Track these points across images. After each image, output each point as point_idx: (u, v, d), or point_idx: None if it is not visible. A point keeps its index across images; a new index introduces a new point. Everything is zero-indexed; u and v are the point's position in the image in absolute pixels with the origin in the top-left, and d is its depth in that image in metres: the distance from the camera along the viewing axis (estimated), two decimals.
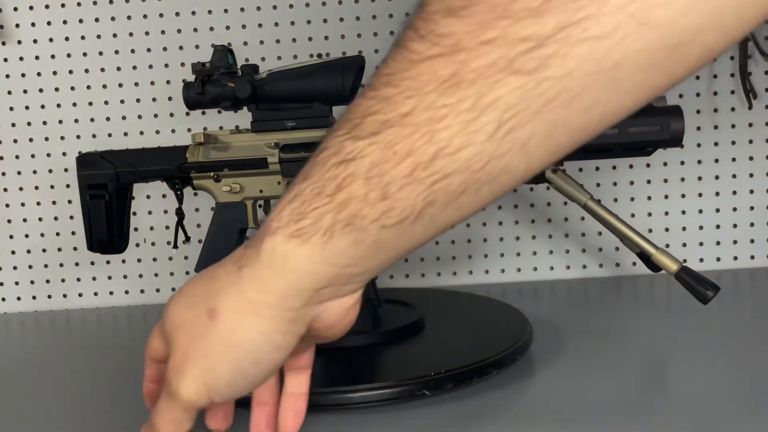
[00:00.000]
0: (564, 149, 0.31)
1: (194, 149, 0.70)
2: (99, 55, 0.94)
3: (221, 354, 0.35)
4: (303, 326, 0.36)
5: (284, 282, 0.34)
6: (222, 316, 0.35)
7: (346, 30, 0.93)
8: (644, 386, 0.59)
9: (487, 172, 0.31)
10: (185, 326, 0.36)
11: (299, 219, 0.33)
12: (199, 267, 0.72)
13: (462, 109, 0.29)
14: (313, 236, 0.33)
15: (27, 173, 0.97)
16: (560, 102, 0.29)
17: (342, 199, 0.32)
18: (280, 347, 0.35)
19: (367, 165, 0.31)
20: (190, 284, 0.39)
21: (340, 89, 0.66)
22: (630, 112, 0.30)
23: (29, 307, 0.99)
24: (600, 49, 0.28)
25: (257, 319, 0.34)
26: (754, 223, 0.93)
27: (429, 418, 0.55)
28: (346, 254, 0.33)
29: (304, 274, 0.34)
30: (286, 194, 0.34)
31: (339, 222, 0.32)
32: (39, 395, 0.67)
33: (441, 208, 0.32)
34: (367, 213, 0.32)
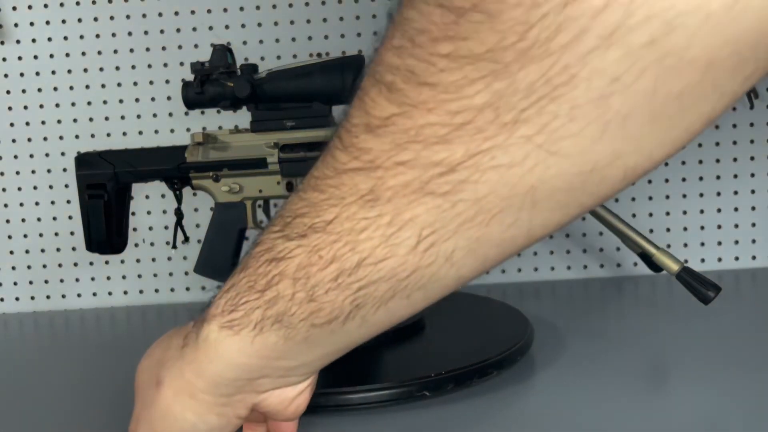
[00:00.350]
0: (494, 260, 0.32)
1: (193, 149, 0.70)
2: (98, 55, 0.94)
3: (162, 424, 0.37)
4: (243, 410, 0.37)
5: (216, 370, 0.35)
6: (164, 390, 0.37)
7: (345, 29, 0.93)
8: (645, 387, 0.58)
9: (415, 281, 0.31)
10: (142, 388, 0.39)
11: (232, 310, 0.34)
12: (198, 267, 0.72)
13: (382, 223, 0.30)
14: (244, 329, 0.34)
15: (25, 173, 0.96)
16: (479, 221, 0.29)
17: (271, 296, 0.33)
18: (216, 427, 0.37)
19: (294, 266, 0.32)
20: (156, 343, 0.41)
21: (339, 88, 0.65)
22: (563, 225, 0.30)
23: (28, 307, 0.99)
24: (512, 176, 0.28)
25: (191, 401, 0.36)
26: (755, 223, 0.93)
27: (429, 419, 0.55)
28: (277, 348, 0.34)
29: (234, 365, 0.35)
30: (227, 282, 0.36)
31: (268, 318, 0.33)
32: (38, 396, 0.67)
33: (372, 310, 0.33)
34: (295, 312, 0.33)
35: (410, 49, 0.28)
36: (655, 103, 0.26)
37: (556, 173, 0.28)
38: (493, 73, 0.26)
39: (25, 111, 0.95)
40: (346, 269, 0.31)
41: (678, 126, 0.27)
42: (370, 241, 0.31)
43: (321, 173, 0.33)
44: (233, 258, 0.71)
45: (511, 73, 0.26)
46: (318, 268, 0.32)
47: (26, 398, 0.67)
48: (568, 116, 0.26)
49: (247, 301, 0.34)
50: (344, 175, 0.31)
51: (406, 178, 0.29)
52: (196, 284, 0.97)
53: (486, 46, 0.26)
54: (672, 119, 0.27)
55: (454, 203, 0.29)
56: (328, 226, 0.31)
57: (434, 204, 0.29)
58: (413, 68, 0.28)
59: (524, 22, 0.25)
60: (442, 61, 0.27)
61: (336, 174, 0.31)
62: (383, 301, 0.32)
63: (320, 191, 0.32)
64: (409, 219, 0.30)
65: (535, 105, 0.26)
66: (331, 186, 0.32)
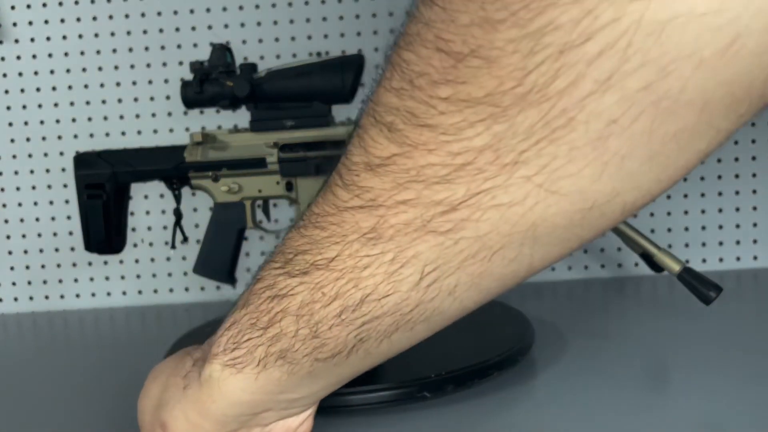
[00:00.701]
0: (496, 292, 0.32)
1: (192, 149, 0.70)
2: (97, 54, 0.94)
3: None
4: None
5: (220, 409, 0.35)
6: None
7: (345, 28, 0.92)
8: (646, 387, 0.58)
9: (418, 314, 0.32)
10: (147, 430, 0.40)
11: (234, 348, 0.34)
12: (198, 268, 0.72)
13: (384, 260, 0.31)
14: (247, 366, 0.34)
15: (24, 173, 0.96)
16: (481, 258, 0.30)
17: (274, 333, 0.33)
18: None
19: (297, 303, 0.32)
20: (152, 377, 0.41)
21: (339, 88, 0.65)
22: (563, 257, 0.31)
23: (26, 308, 0.99)
24: (512, 214, 0.28)
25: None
26: (757, 223, 0.93)
27: (429, 420, 0.55)
28: (281, 383, 0.34)
29: (238, 403, 0.35)
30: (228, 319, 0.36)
31: (272, 354, 0.33)
32: (36, 397, 0.67)
33: (375, 343, 0.33)
34: (299, 348, 0.33)
35: (410, 92, 0.28)
36: (653, 143, 0.26)
37: (556, 211, 0.28)
38: (492, 116, 0.27)
39: (24, 110, 0.95)
40: (350, 306, 0.31)
41: (675, 163, 0.27)
42: (373, 278, 0.31)
43: (322, 210, 0.32)
44: (232, 258, 0.71)
45: (510, 116, 0.26)
46: (321, 305, 0.32)
47: (25, 399, 0.66)
48: (567, 157, 0.27)
49: (250, 338, 0.34)
50: (345, 212, 0.31)
51: (407, 216, 0.30)
52: (195, 284, 0.97)
53: (485, 90, 0.26)
54: (669, 158, 0.27)
55: (456, 241, 0.29)
56: (330, 263, 0.32)
57: (436, 242, 0.30)
58: (413, 110, 0.28)
59: (522, 68, 0.25)
60: (442, 104, 0.27)
61: (337, 211, 0.31)
62: (387, 335, 0.33)
63: (321, 228, 0.32)
64: (412, 256, 0.30)
65: (535, 147, 0.27)
66: (333, 223, 0.32)
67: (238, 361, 0.34)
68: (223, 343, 0.35)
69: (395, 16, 0.92)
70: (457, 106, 0.27)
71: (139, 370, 0.71)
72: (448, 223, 0.29)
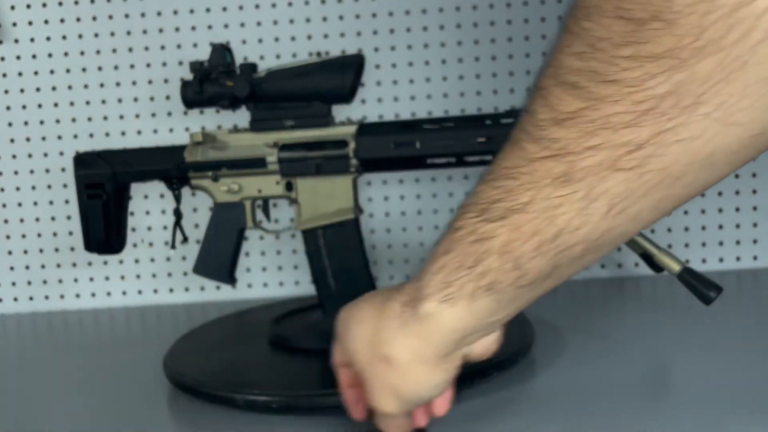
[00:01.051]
0: (672, 210, 0.37)
1: (192, 149, 0.70)
2: (96, 54, 0.94)
3: (402, 386, 0.44)
4: (458, 361, 0.44)
5: (441, 337, 0.42)
6: (396, 363, 0.43)
7: (345, 28, 0.92)
8: (647, 387, 0.58)
9: (606, 239, 0.37)
10: (366, 366, 0.45)
11: (446, 287, 0.40)
12: (198, 268, 0.72)
13: (575, 198, 0.35)
14: (461, 300, 0.40)
15: (24, 173, 0.96)
16: (664, 186, 0.34)
17: (481, 270, 0.39)
18: (443, 380, 0.44)
19: (499, 243, 0.38)
20: (356, 317, 0.46)
21: (339, 88, 0.65)
22: (727, 175, 0.36)
23: (26, 308, 0.99)
24: (693, 147, 0.33)
25: (423, 367, 0.43)
26: (757, 223, 0.93)
27: (430, 420, 0.55)
28: (489, 310, 0.40)
29: (455, 330, 0.41)
30: (432, 264, 0.42)
31: (480, 288, 0.39)
32: (36, 397, 0.67)
33: (567, 268, 0.38)
34: (503, 279, 0.39)
35: (591, 54, 0.33)
36: None
37: (732, 140, 0.33)
38: (672, 68, 0.31)
39: (24, 110, 0.95)
40: (546, 239, 0.37)
41: None
42: (566, 214, 0.36)
43: (511, 163, 0.37)
44: (232, 258, 0.71)
45: (689, 66, 0.31)
46: (521, 242, 0.37)
47: (25, 399, 0.66)
48: (742, 94, 0.31)
49: (459, 277, 0.40)
50: (536, 162, 0.36)
51: (596, 159, 0.34)
52: (195, 284, 0.97)
53: (665, 47, 0.31)
54: None
55: (641, 174, 0.34)
56: (526, 207, 0.37)
57: (624, 177, 0.34)
58: (596, 69, 0.33)
59: (698, 26, 0.30)
60: (624, 62, 0.32)
61: (528, 163, 0.36)
62: (577, 259, 0.38)
63: (513, 178, 0.37)
64: (601, 193, 0.35)
65: (712, 89, 0.31)
66: (524, 173, 0.36)
67: (451, 297, 0.40)
68: (434, 285, 0.41)
69: (395, 16, 0.92)
70: (639, 62, 0.31)
71: (139, 370, 0.71)
72: (634, 160, 0.33)
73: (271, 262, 0.97)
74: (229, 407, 0.58)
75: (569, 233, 0.36)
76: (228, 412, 0.58)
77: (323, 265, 0.68)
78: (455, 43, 0.92)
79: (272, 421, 0.57)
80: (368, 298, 0.47)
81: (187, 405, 0.61)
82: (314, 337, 0.67)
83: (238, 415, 0.58)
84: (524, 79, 0.92)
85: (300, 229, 0.68)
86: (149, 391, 0.65)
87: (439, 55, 0.92)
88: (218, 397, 0.59)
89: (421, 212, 0.95)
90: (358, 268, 0.67)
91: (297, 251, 0.96)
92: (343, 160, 0.66)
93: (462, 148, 0.64)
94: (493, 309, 0.40)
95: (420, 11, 0.92)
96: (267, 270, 0.97)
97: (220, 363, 0.66)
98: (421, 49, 0.92)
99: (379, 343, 0.43)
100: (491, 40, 0.92)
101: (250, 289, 0.97)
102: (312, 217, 0.68)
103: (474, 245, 0.39)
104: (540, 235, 0.37)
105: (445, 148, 0.64)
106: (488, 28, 0.92)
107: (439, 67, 0.93)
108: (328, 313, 0.68)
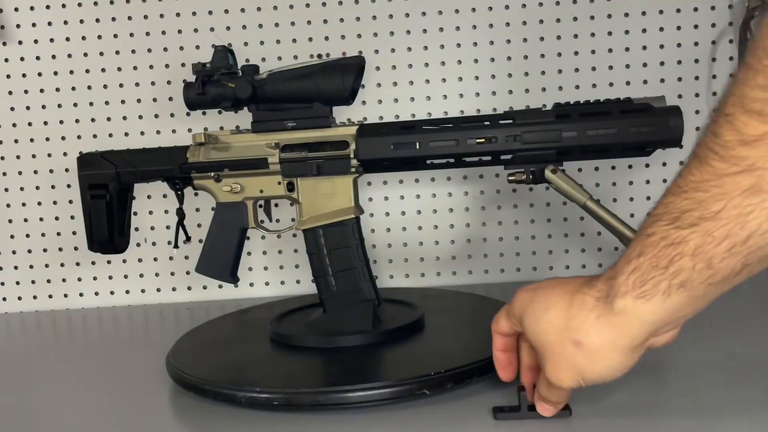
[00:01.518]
0: None
1: (195, 149, 0.70)
2: (100, 56, 0.95)
3: (588, 367, 0.49)
4: (643, 349, 0.48)
5: (634, 329, 0.46)
6: (588, 348, 0.48)
7: (346, 31, 0.93)
8: (643, 386, 0.59)
9: None
10: (551, 346, 0.50)
11: (642, 285, 0.45)
12: (200, 267, 0.72)
13: (765, 206, 0.40)
14: (655, 296, 0.44)
15: (28, 173, 0.97)
16: None
17: (674, 270, 0.43)
18: (627, 366, 0.49)
19: (692, 247, 0.43)
20: (543, 303, 0.51)
21: (340, 89, 0.66)
22: None
23: (30, 306, 0.99)
24: None
25: (614, 353, 0.47)
26: None
27: (429, 417, 0.55)
28: (681, 305, 0.44)
29: (648, 323, 0.46)
30: (625, 265, 0.46)
31: (674, 285, 0.44)
32: (40, 395, 0.67)
33: (756, 264, 0.42)
34: (696, 278, 0.43)
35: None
36: None
37: None
38: None
39: (28, 112, 0.96)
40: (738, 242, 0.41)
41: None
42: (756, 219, 0.40)
43: (700, 178, 0.42)
44: (235, 257, 0.72)
45: None
46: (713, 245, 0.42)
47: (28, 397, 0.67)
48: None
49: (654, 276, 0.44)
50: (725, 177, 0.41)
51: None
52: (198, 284, 0.98)
53: None
54: None
55: None
56: (717, 215, 0.41)
57: None
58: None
59: None
60: None
61: (717, 177, 0.41)
62: (765, 257, 0.42)
63: (704, 191, 0.42)
64: None
65: None
66: (714, 186, 0.41)
67: (646, 294, 0.45)
68: (630, 283, 0.45)
69: (395, 18, 0.93)
70: None
71: (141, 368, 0.72)
72: None
73: (273, 262, 0.98)
74: (231, 404, 0.59)
75: (760, 235, 0.41)
76: (230, 409, 0.59)
77: (324, 265, 0.68)
78: (454, 46, 0.93)
79: (274, 418, 0.57)
80: (554, 287, 0.51)
81: (190, 402, 0.61)
82: (315, 336, 0.68)
83: (239, 412, 0.58)
84: (522, 80, 0.92)
85: (301, 228, 0.69)
86: (152, 389, 0.65)
87: (438, 57, 0.93)
88: (220, 395, 0.59)
89: (421, 212, 0.96)
90: (358, 267, 0.68)
91: (298, 251, 0.97)
92: (343, 160, 0.67)
93: (461, 149, 0.65)
94: (685, 304, 0.44)
95: (419, 14, 0.93)
96: (268, 269, 0.98)
97: (223, 361, 0.66)
98: (420, 52, 0.93)
99: (572, 329, 0.48)
100: (490, 42, 0.92)
101: (251, 287, 0.98)
102: (313, 217, 0.68)
103: (667, 249, 0.44)
104: (731, 239, 0.41)
105: (444, 149, 0.65)
106: (487, 31, 0.92)
107: (438, 69, 0.93)
108: (329, 311, 0.69)
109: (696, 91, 0.92)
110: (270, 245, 0.98)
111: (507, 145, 0.64)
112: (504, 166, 0.66)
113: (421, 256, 0.97)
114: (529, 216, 0.96)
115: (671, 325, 0.48)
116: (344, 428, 0.55)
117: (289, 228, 0.72)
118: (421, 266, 0.97)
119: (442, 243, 0.96)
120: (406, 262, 0.97)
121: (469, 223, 0.96)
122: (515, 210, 0.96)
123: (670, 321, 0.46)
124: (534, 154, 0.64)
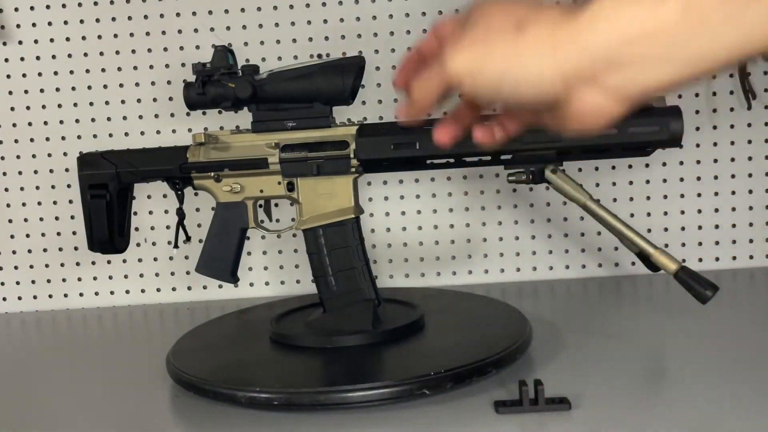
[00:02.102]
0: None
1: (195, 149, 0.70)
2: (100, 56, 0.95)
3: (501, 57, 0.37)
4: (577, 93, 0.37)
5: (594, 39, 0.35)
6: (526, 34, 0.36)
7: (346, 30, 0.93)
8: (643, 385, 0.59)
9: None
10: (490, 22, 0.38)
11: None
12: (200, 267, 0.72)
13: None
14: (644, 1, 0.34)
15: (28, 173, 0.97)
16: None
17: None
18: (540, 86, 0.37)
19: None
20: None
21: (340, 89, 0.66)
22: None
23: (30, 306, 0.99)
24: None
25: (548, 58, 0.36)
26: (752, 222, 0.94)
27: (429, 417, 0.55)
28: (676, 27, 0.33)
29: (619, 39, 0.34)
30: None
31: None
32: (40, 394, 0.67)
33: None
34: None
35: None
36: None
37: None
38: None
39: (28, 111, 0.96)
40: None
41: None
42: None
43: None
44: (235, 257, 0.72)
45: None
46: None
47: (29, 396, 0.67)
48: None
49: None
50: None
51: None
52: (198, 283, 0.98)
53: None
54: None
55: None
56: None
57: None
58: None
59: None
60: None
61: None
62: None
63: None
64: None
65: None
66: None
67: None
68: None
69: (395, 18, 0.93)
70: None
71: (141, 368, 0.72)
72: None
73: (273, 262, 0.98)
74: (230, 404, 0.59)
75: None
76: (230, 408, 0.59)
77: (324, 264, 0.68)
78: None
79: (273, 418, 0.57)
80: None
81: (190, 402, 0.61)
82: (315, 335, 0.68)
83: (239, 411, 0.58)
84: None
85: (301, 228, 0.69)
86: (152, 389, 0.65)
87: None
88: (220, 394, 0.59)
89: (421, 212, 0.96)
90: (358, 267, 0.68)
91: (298, 250, 0.97)
92: (343, 160, 0.67)
93: (461, 148, 0.64)
94: (679, 29, 0.33)
95: (419, 14, 0.93)
96: (268, 269, 0.98)
97: (222, 361, 0.67)
98: None
99: (524, 15, 0.37)
100: None
101: (251, 287, 0.98)
102: (313, 217, 0.68)
103: None
104: None
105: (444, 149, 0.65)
106: None
107: None
108: (329, 311, 0.69)
109: (695, 92, 0.92)
110: (270, 245, 0.98)
111: (507, 145, 0.64)
112: (504, 166, 0.66)
113: (421, 256, 0.97)
114: (529, 216, 0.96)
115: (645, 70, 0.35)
116: (344, 428, 0.55)
117: (289, 228, 0.72)
118: (421, 266, 0.97)
119: (442, 243, 0.96)
120: (406, 262, 0.97)
121: (469, 223, 0.96)
122: (515, 210, 0.96)
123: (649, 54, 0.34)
124: (534, 154, 0.64)
